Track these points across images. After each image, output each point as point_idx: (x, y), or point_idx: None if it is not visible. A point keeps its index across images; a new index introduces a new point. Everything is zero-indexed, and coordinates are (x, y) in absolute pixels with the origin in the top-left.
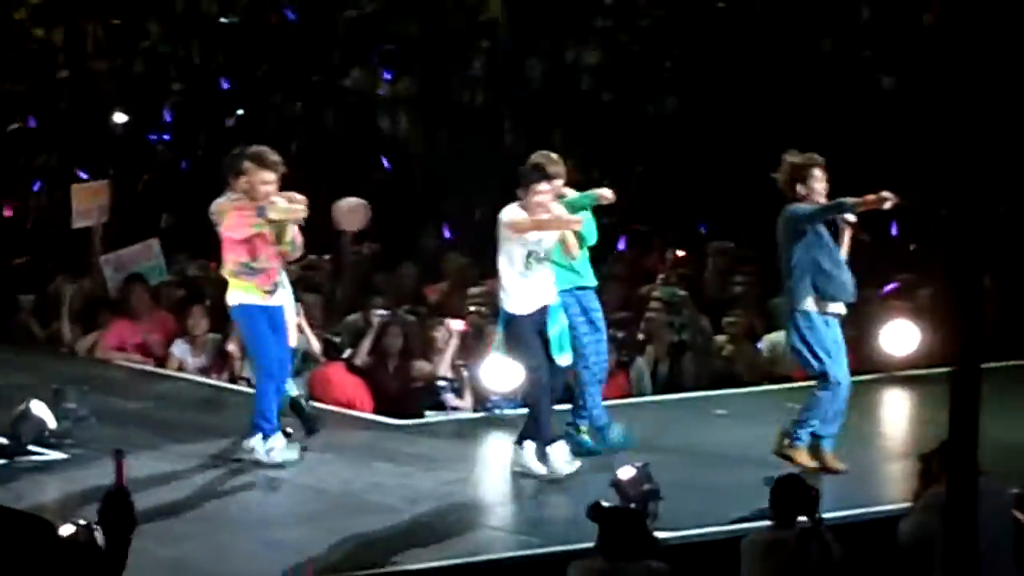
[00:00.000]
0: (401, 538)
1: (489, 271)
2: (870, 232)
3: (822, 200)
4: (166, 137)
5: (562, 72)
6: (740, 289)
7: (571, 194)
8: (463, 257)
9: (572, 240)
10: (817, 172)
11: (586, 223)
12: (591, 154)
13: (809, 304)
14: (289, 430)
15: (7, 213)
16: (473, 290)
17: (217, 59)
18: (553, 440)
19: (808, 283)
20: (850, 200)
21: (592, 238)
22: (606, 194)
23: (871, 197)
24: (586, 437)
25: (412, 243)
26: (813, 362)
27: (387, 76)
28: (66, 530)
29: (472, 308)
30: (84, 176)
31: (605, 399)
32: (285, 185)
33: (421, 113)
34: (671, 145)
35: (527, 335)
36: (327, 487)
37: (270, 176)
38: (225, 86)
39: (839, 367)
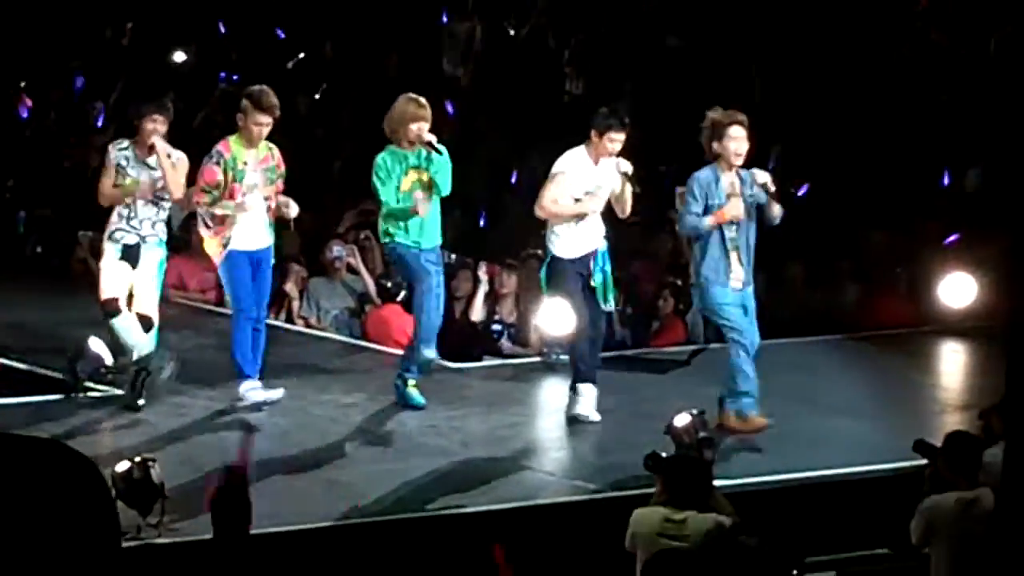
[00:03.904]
0: (454, 481)
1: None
2: (924, 184)
3: (737, 161)
4: (235, 77)
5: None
6: None
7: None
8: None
9: (627, 199)
10: (733, 131)
11: (442, 173)
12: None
13: None
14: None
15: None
16: None
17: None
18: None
19: None
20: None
21: (445, 189)
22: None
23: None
24: (414, 392)
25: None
26: None
27: (444, 20)
28: (121, 466)
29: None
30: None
31: (662, 346)
32: (343, 132)
33: (482, 57)
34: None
35: (568, 278)
36: (382, 429)
37: (265, 119)
38: (281, 35)
39: None
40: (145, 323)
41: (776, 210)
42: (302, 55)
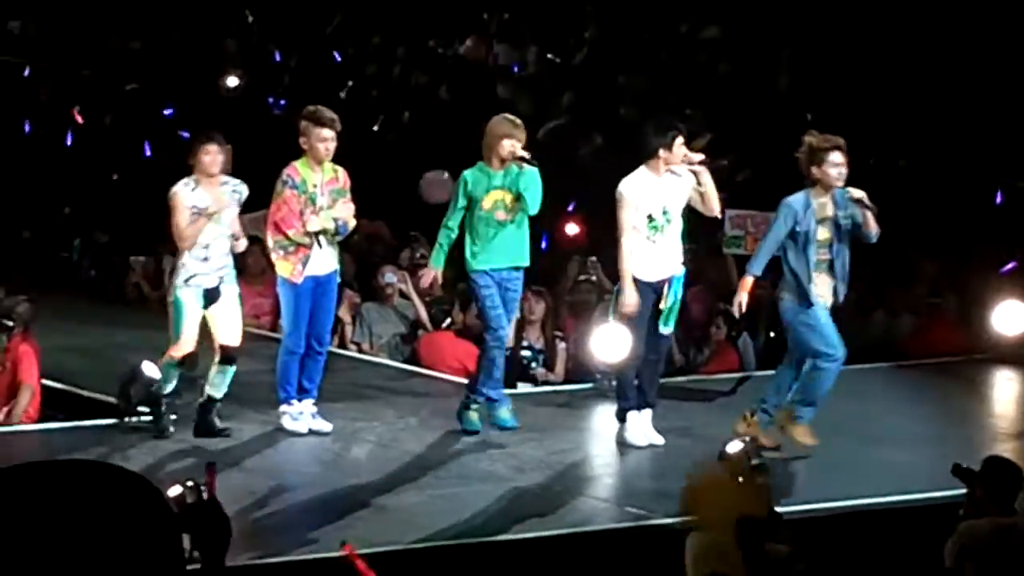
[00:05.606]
0: (507, 507)
1: (604, 240)
2: (975, 208)
3: (838, 184)
4: (283, 102)
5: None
6: None
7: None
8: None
9: (712, 193)
10: (834, 156)
11: (531, 190)
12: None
13: None
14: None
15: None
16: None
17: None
18: (633, 409)
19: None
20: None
21: (534, 206)
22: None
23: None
24: (474, 416)
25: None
26: None
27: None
28: (174, 491)
29: (581, 278)
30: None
31: (714, 373)
32: (391, 158)
33: (535, 83)
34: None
35: (641, 304)
36: (435, 454)
37: (328, 133)
38: (338, 58)
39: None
40: (230, 353)
41: (874, 228)
42: (351, 83)
